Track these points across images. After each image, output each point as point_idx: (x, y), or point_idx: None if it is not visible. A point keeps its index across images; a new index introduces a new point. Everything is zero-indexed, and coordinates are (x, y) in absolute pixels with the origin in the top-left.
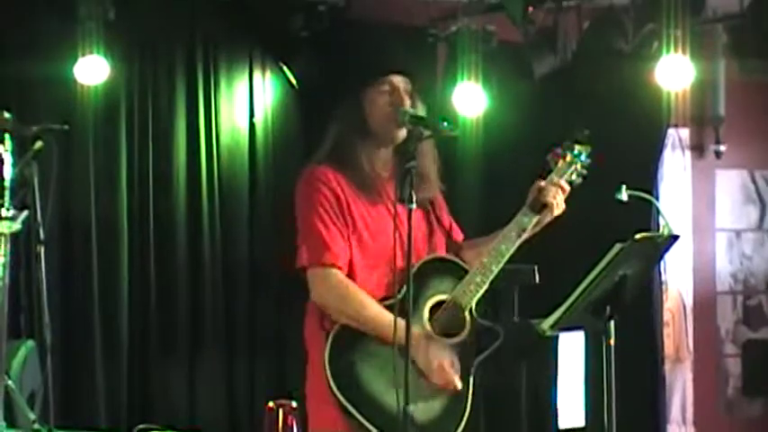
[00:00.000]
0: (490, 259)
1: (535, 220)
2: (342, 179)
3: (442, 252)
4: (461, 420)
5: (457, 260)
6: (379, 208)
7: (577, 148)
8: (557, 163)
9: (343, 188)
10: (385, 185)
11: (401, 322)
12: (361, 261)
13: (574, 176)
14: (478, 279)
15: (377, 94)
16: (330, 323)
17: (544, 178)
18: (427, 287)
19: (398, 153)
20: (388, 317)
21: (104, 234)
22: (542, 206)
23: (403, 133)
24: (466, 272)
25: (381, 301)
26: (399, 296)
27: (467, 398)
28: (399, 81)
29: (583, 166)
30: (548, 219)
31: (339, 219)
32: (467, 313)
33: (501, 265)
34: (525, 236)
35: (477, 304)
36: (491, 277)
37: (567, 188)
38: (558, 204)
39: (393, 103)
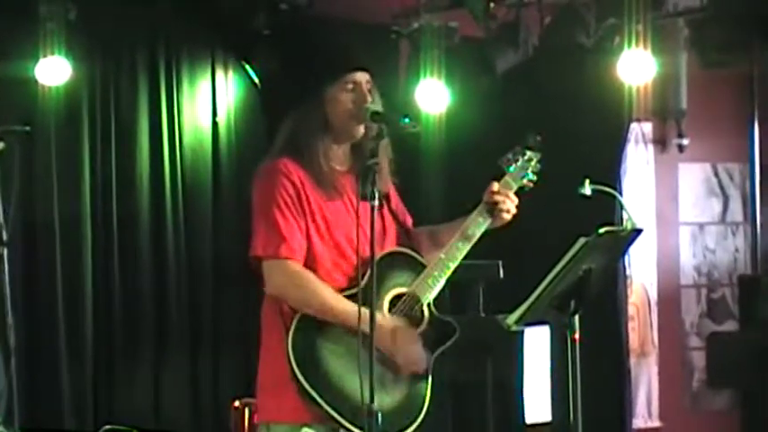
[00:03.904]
0: (447, 255)
1: (488, 222)
2: (302, 172)
3: (395, 244)
4: (420, 412)
5: (414, 254)
6: (336, 203)
7: (528, 153)
8: (510, 167)
9: (303, 181)
10: (342, 180)
11: (364, 311)
12: (324, 254)
13: (525, 181)
14: (436, 273)
15: (340, 92)
16: (289, 310)
17: (498, 180)
18: (386, 280)
19: (355, 149)
20: (348, 305)
21: (68, 235)
22: (495, 210)
23: (362, 130)
24: (423, 265)
25: (342, 291)
26: (360, 287)
27: (425, 389)
28: (362, 77)
29: (534, 172)
30: (499, 224)
31: (299, 212)
32: (425, 307)
33: (457, 262)
34: (479, 235)
35: (435, 299)
36: (448, 273)
37: (515, 200)
38: (510, 211)
39: (356, 100)
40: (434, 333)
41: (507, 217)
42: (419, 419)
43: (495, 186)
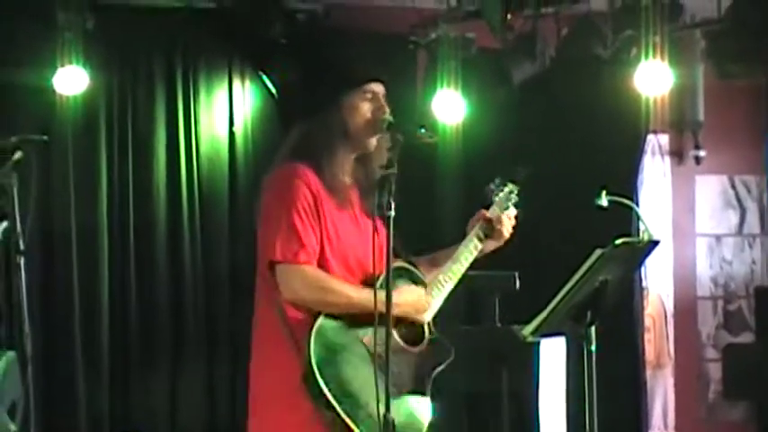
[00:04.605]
0: (445, 277)
1: (481, 246)
2: (316, 180)
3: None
4: (422, 428)
5: (416, 270)
6: (344, 214)
7: (510, 186)
8: (495, 196)
9: (318, 189)
10: (350, 193)
11: (381, 294)
12: (332, 267)
13: (508, 211)
14: (434, 293)
15: (360, 100)
16: (297, 319)
17: (486, 208)
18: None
19: (359, 162)
20: (367, 292)
21: (84, 244)
22: (491, 233)
23: (374, 142)
24: (424, 283)
25: None
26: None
27: (425, 410)
28: (379, 88)
29: (514, 205)
30: (491, 247)
31: (315, 219)
32: (425, 326)
33: (454, 284)
34: (471, 259)
35: (433, 319)
36: (445, 294)
37: (514, 222)
38: (507, 231)
39: (375, 110)
40: (433, 353)
41: (506, 234)
42: None
43: (488, 213)
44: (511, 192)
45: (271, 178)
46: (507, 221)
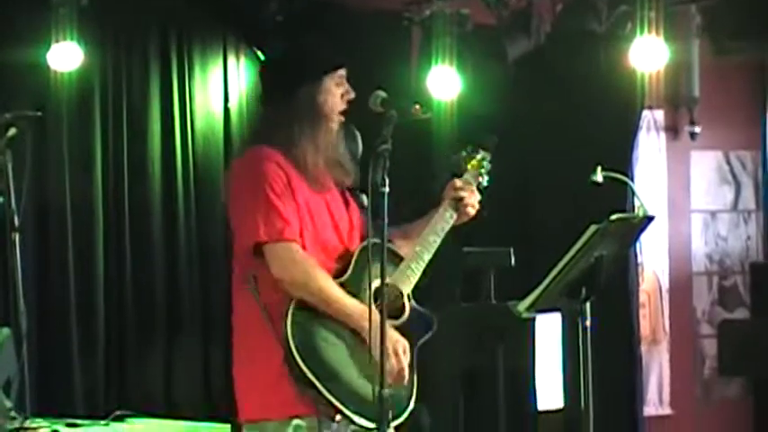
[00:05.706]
0: (422, 248)
1: (455, 218)
2: (287, 163)
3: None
4: (410, 401)
5: (392, 246)
6: (318, 197)
7: (482, 153)
8: (467, 164)
9: (290, 171)
10: (323, 174)
11: (365, 308)
12: (309, 244)
13: (481, 179)
14: (413, 266)
15: (333, 85)
16: (276, 301)
17: (458, 177)
18: (368, 271)
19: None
20: (349, 299)
21: (80, 220)
22: (460, 206)
23: (336, 126)
24: (399, 257)
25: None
26: (345, 278)
27: (412, 380)
28: (344, 72)
29: (486, 171)
30: (464, 219)
31: (291, 197)
32: (405, 298)
33: (431, 255)
34: (447, 229)
35: (412, 290)
36: (423, 265)
37: (478, 195)
38: (474, 206)
39: (343, 93)
40: (414, 325)
41: (472, 212)
42: (410, 408)
43: (458, 182)
44: (483, 159)
45: (239, 163)
46: (473, 194)
